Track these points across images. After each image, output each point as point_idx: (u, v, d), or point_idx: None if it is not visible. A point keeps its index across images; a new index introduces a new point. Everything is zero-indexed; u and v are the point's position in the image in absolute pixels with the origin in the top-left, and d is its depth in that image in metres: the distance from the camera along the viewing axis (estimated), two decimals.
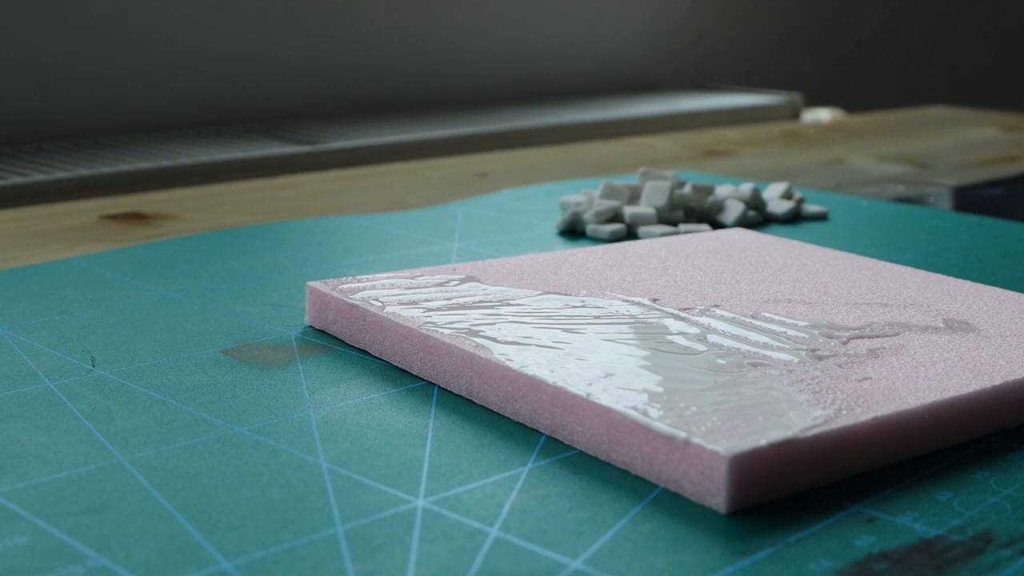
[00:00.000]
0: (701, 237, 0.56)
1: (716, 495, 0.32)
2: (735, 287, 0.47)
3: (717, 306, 0.45)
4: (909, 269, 0.51)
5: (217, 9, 1.20)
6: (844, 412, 0.34)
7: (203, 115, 1.19)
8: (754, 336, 0.41)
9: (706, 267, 0.50)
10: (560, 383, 0.36)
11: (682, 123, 1.29)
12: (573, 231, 0.64)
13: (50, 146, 1.05)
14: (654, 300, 0.45)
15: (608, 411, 0.35)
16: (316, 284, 0.46)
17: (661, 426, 0.33)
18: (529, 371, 0.37)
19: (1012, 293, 0.47)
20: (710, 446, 0.32)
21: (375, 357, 0.43)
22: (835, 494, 0.33)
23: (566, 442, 0.36)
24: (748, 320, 0.43)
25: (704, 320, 0.43)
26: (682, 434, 0.32)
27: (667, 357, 0.39)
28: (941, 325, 0.43)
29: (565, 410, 0.36)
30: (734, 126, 1.16)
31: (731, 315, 0.44)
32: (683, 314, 0.44)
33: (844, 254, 0.53)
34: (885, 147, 1.00)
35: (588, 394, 0.35)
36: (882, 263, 0.52)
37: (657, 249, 0.53)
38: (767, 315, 0.44)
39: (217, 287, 0.52)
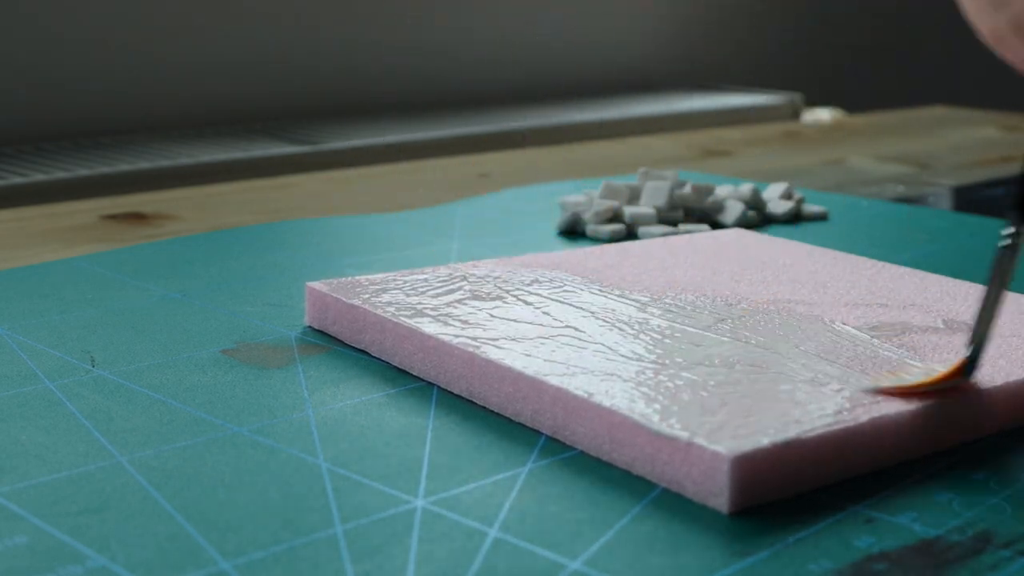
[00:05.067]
0: (699, 237, 0.56)
1: (718, 495, 0.32)
2: (734, 288, 0.47)
3: (728, 306, 0.45)
4: (908, 270, 0.51)
5: (217, 9, 1.20)
6: (845, 412, 0.34)
7: (203, 115, 1.19)
8: (756, 336, 0.41)
9: (705, 267, 0.50)
10: (562, 384, 0.36)
11: (682, 123, 1.29)
12: (573, 231, 0.64)
13: (50, 146, 1.05)
14: (655, 300, 0.45)
15: (610, 412, 0.34)
16: (316, 285, 0.46)
17: (663, 427, 0.33)
18: (530, 372, 0.37)
19: (1011, 294, 0.47)
20: (712, 447, 0.32)
21: (375, 357, 0.43)
22: (834, 494, 0.33)
23: (567, 443, 0.36)
24: (750, 320, 0.43)
25: (703, 319, 0.43)
26: (684, 435, 0.32)
27: (667, 357, 0.39)
28: (941, 325, 0.43)
29: (567, 411, 0.36)
30: (734, 126, 1.16)
31: (732, 315, 0.44)
32: (682, 314, 0.44)
33: (843, 254, 0.53)
34: (885, 147, 1.00)
35: (590, 395, 0.35)
36: (881, 263, 0.52)
37: (656, 249, 0.53)
38: (768, 315, 0.44)
39: (217, 287, 0.52)
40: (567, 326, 0.42)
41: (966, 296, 0.46)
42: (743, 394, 0.35)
